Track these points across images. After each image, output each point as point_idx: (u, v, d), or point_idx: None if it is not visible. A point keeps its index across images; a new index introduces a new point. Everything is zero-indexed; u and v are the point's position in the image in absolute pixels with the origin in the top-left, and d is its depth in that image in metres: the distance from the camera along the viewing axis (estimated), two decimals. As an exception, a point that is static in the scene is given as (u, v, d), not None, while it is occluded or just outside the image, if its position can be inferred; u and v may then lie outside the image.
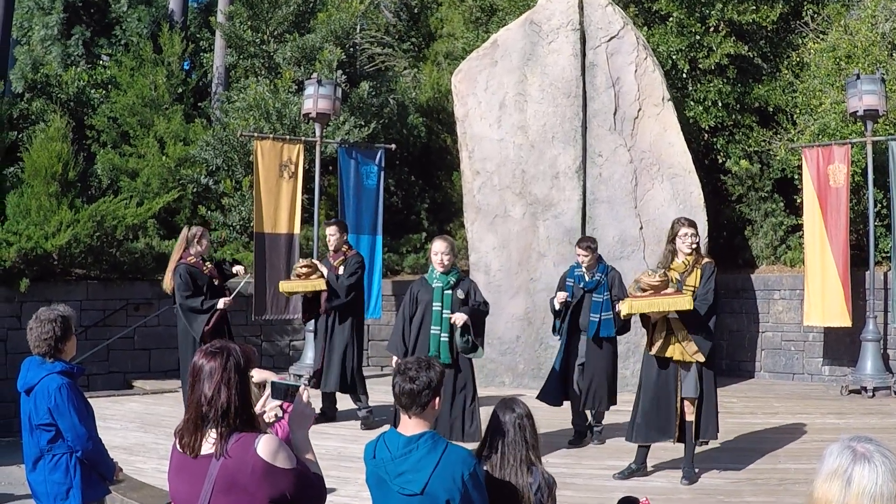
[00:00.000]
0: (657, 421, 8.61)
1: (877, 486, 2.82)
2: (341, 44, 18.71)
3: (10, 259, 13.56)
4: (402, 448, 4.27)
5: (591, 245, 10.24)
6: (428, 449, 4.26)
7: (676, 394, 8.53)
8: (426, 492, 4.18)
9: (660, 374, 8.59)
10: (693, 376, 8.52)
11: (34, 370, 5.84)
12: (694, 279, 8.58)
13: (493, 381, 13.70)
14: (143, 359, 14.95)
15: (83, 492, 5.82)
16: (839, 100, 14.81)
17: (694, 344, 8.41)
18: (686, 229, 8.67)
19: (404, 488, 4.22)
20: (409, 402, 4.31)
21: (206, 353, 3.79)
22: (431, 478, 4.19)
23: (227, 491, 3.64)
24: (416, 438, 4.28)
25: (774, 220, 16.22)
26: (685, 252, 8.67)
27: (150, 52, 20.06)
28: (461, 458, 4.29)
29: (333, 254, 11.32)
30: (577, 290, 10.17)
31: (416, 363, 4.41)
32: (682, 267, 8.62)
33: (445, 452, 4.27)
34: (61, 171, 15.14)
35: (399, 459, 4.25)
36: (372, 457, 4.38)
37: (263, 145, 14.53)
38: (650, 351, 8.56)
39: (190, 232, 11.07)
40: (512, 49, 14.39)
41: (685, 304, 8.25)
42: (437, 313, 9.12)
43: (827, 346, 14.88)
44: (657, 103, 13.92)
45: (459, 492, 4.20)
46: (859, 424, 11.10)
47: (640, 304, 8.32)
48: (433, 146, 19.89)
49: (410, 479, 4.21)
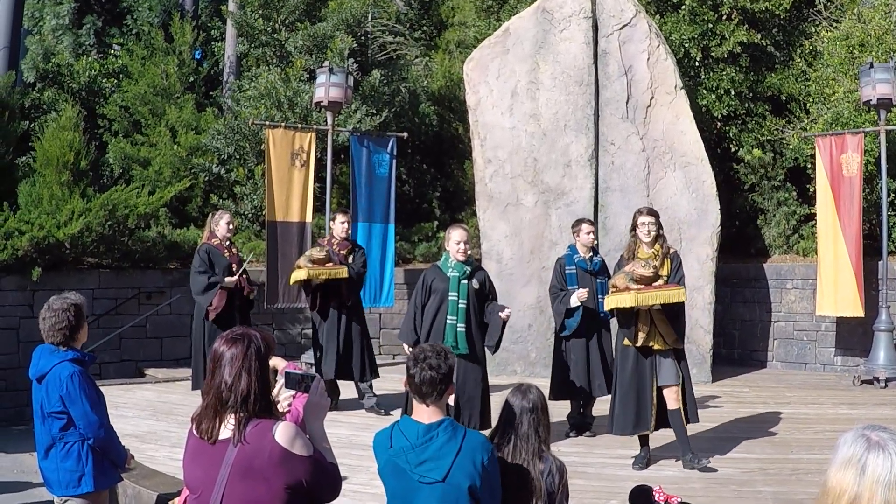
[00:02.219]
0: (634, 412, 8.67)
1: (892, 473, 2.82)
2: (352, 32, 18.70)
3: (22, 248, 13.57)
4: (422, 436, 4.23)
5: (595, 222, 10.46)
6: (448, 436, 4.23)
7: (652, 384, 8.62)
8: (448, 479, 4.16)
9: (636, 365, 8.69)
10: (671, 363, 8.63)
11: (46, 358, 5.84)
12: (666, 269, 8.64)
13: (505, 370, 13.68)
14: (154, 347, 14.97)
15: (95, 479, 5.82)
16: (852, 88, 14.75)
17: (674, 332, 8.58)
18: (645, 218, 8.71)
19: (425, 476, 4.18)
20: (430, 390, 4.29)
21: (228, 340, 3.79)
22: (454, 465, 4.16)
23: (243, 477, 3.64)
24: (435, 426, 4.25)
25: (787, 209, 16.16)
26: (646, 241, 8.69)
27: (161, 42, 20.09)
28: (480, 444, 4.28)
29: (342, 241, 11.35)
30: (581, 276, 10.10)
31: (433, 351, 4.37)
32: (650, 256, 8.63)
33: (465, 439, 4.25)
34: (73, 160, 15.15)
35: (420, 448, 4.21)
36: (388, 447, 4.32)
37: (275, 134, 14.52)
38: (635, 343, 8.62)
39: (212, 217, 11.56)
40: (524, 37, 14.35)
41: (681, 295, 8.45)
42: (453, 303, 9.06)
43: (839, 336, 14.84)
44: (670, 91, 13.87)
45: (479, 477, 4.19)
46: (872, 414, 11.06)
47: (644, 297, 8.37)
48: (445, 134, 19.86)
49: (432, 467, 4.18)
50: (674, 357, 8.64)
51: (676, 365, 8.64)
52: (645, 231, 8.66)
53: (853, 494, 2.86)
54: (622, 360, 8.81)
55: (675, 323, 8.59)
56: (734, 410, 11.40)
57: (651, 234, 8.66)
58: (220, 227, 11.41)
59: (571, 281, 10.09)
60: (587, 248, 10.17)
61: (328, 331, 11.23)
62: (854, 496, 2.85)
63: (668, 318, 8.55)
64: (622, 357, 8.81)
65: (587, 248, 10.17)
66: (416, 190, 18.98)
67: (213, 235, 11.46)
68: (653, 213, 8.76)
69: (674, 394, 8.61)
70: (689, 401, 8.74)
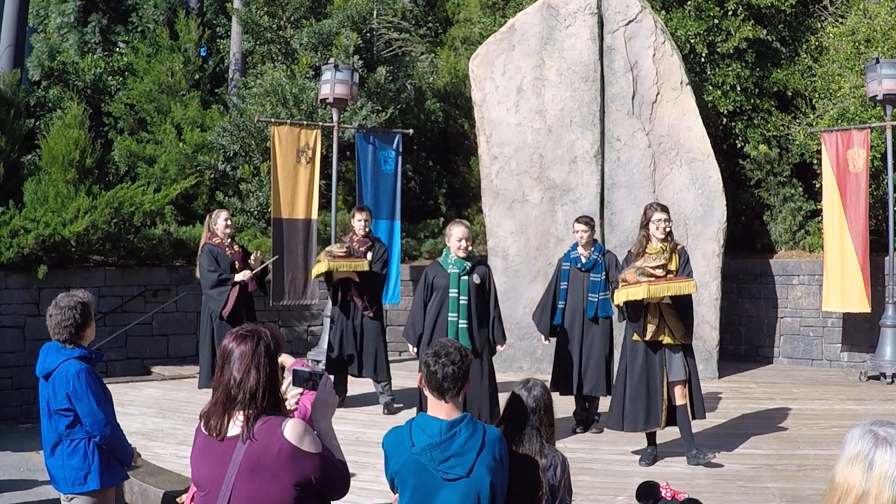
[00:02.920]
0: (646, 408, 8.64)
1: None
2: (358, 29, 18.67)
3: (28, 246, 13.59)
4: (445, 433, 4.22)
5: (590, 221, 10.28)
6: (471, 431, 4.23)
7: (663, 380, 8.59)
8: (472, 475, 4.16)
9: (646, 360, 8.67)
10: (680, 359, 8.62)
11: (53, 356, 5.85)
12: (674, 264, 8.63)
13: (512, 367, 13.69)
14: (161, 345, 14.99)
15: (101, 477, 5.83)
16: (858, 84, 14.72)
17: (682, 326, 8.59)
18: (659, 214, 8.70)
19: (449, 473, 4.17)
20: (452, 386, 4.28)
21: (237, 336, 3.79)
22: (477, 460, 4.17)
23: (251, 474, 3.64)
24: (457, 422, 4.25)
25: (793, 204, 16.13)
26: (658, 237, 8.68)
27: (166, 39, 20.12)
28: (498, 438, 4.32)
29: (362, 238, 11.37)
30: (574, 273, 10.21)
31: (453, 347, 4.37)
32: (658, 251, 8.62)
33: (486, 434, 4.27)
34: (79, 158, 15.18)
35: (445, 444, 4.20)
36: (409, 445, 4.26)
37: (281, 131, 14.53)
38: (645, 337, 8.60)
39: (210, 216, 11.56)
40: (529, 33, 14.34)
41: (691, 287, 8.47)
42: (453, 300, 9.09)
43: (846, 331, 14.82)
44: (675, 87, 13.86)
45: (498, 471, 4.23)
46: (878, 410, 11.05)
47: (655, 289, 8.37)
48: (451, 131, 19.85)
49: (456, 463, 4.17)
50: (682, 353, 8.65)
51: (685, 361, 8.64)
52: (661, 228, 8.66)
53: (860, 491, 2.86)
54: (631, 356, 8.78)
55: (683, 317, 8.59)
56: (741, 406, 11.40)
57: (664, 231, 8.67)
58: (219, 226, 11.43)
59: (563, 277, 10.27)
60: (585, 247, 10.23)
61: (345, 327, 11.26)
62: (862, 492, 2.85)
63: (678, 313, 8.55)
64: (631, 352, 8.78)
65: (585, 247, 10.23)
66: (422, 186, 18.98)
67: (214, 234, 11.48)
68: (665, 210, 8.77)
69: (680, 390, 8.61)
70: (696, 397, 8.73)
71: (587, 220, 10.29)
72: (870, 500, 2.85)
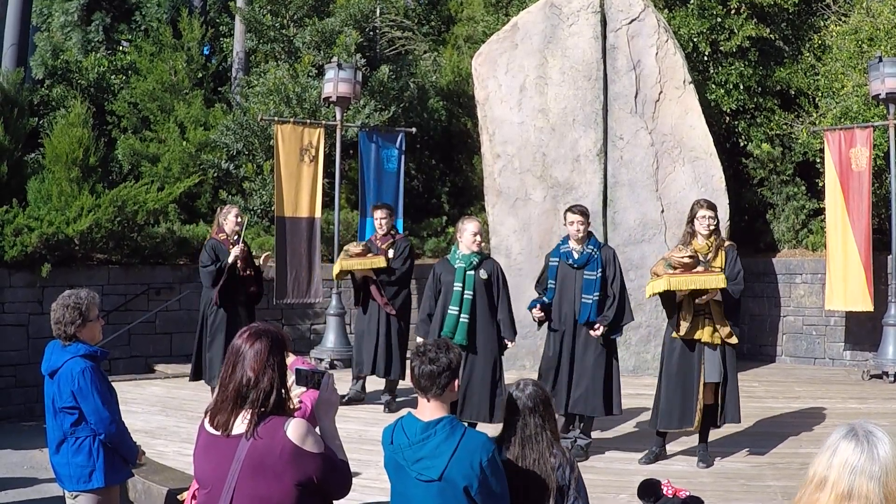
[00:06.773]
0: (680, 409, 8.55)
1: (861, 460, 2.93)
2: (360, 28, 18.70)
3: (31, 244, 13.60)
4: (419, 434, 4.21)
5: (586, 211, 9.13)
6: (446, 434, 4.19)
7: (699, 379, 8.48)
8: (444, 478, 4.13)
9: (682, 359, 8.56)
10: (717, 360, 8.50)
11: (58, 354, 5.86)
12: (720, 261, 8.53)
13: (515, 365, 13.68)
14: (164, 343, 15.01)
15: (106, 474, 5.84)
16: (861, 83, 14.70)
17: (728, 327, 8.44)
18: (705, 211, 8.62)
19: (422, 474, 4.17)
20: (429, 385, 4.26)
21: (250, 336, 3.82)
22: (449, 464, 4.13)
23: (254, 473, 3.65)
24: (433, 424, 4.22)
25: (796, 203, 16.13)
26: (703, 234, 8.63)
27: (169, 38, 20.12)
28: (480, 444, 4.22)
29: (382, 237, 11.37)
30: (564, 270, 9.10)
31: (434, 345, 4.35)
32: (704, 248, 8.56)
33: (464, 438, 4.20)
34: (82, 156, 15.17)
35: (417, 445, 4.20)
36: (390, 442, 4.33)
37: (284, 129, 14.54)
38: (678, 333, 8.51)
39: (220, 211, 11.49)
40: (532, 32, 14.35)
41: (720, 282, 8.27)
42: (457, 294, 9.00)
43: (848, 330, 14.82)
44: (678, 86, 13.87)
45: (477, 478, 4.14)
46: (881, 409, 11.06)
47: (677, 281, 8.26)
48: (454, 130, 19.85)
49: (428, 465, 4.16)
50: (720, 352, 8.53)
51: (721, 362, 8.52)
52: (705, 224, 8.61)
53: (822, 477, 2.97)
54: (668, 353, 8.70)
55: (731, 317, 8.46)
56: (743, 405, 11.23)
57: (710, 228, 8.62)
58: (229, 222, 11.27)
59: (551, 274, 9.16)
60: (577, 241, 9.05)
61: (368, 328, 11.25)
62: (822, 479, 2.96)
63: (725, 312, 8.43)
64: (669, 349, 8.71)
65: (577, 241, 9.05)
66: (425, 185, 18.99)
67: (221, 230, 11.31)
68: (712, 207, 8.69)
69: (710, 390, 8.55)
70: (729, 400, 8.59)
71: (582, 210, 9.14)
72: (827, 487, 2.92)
